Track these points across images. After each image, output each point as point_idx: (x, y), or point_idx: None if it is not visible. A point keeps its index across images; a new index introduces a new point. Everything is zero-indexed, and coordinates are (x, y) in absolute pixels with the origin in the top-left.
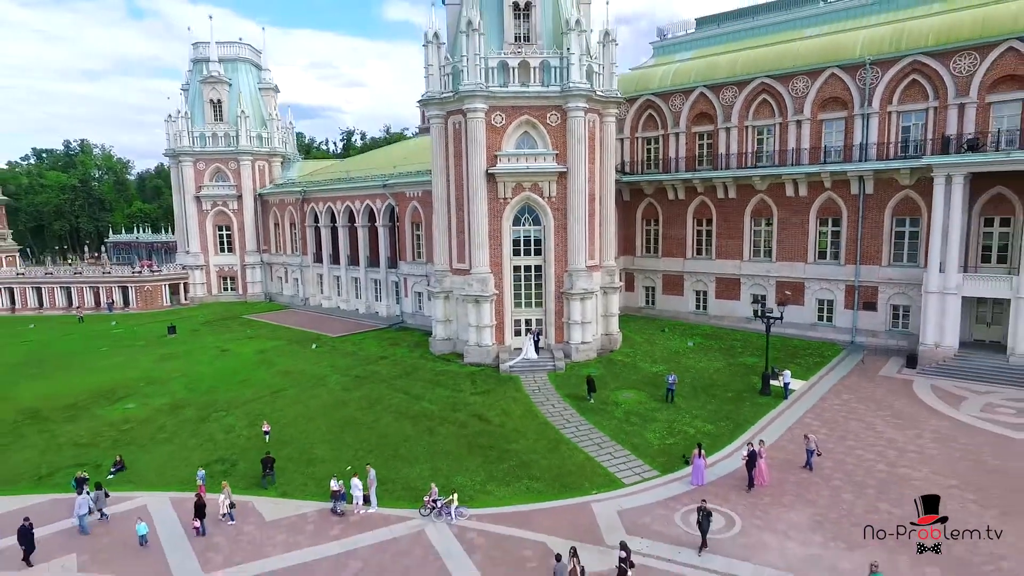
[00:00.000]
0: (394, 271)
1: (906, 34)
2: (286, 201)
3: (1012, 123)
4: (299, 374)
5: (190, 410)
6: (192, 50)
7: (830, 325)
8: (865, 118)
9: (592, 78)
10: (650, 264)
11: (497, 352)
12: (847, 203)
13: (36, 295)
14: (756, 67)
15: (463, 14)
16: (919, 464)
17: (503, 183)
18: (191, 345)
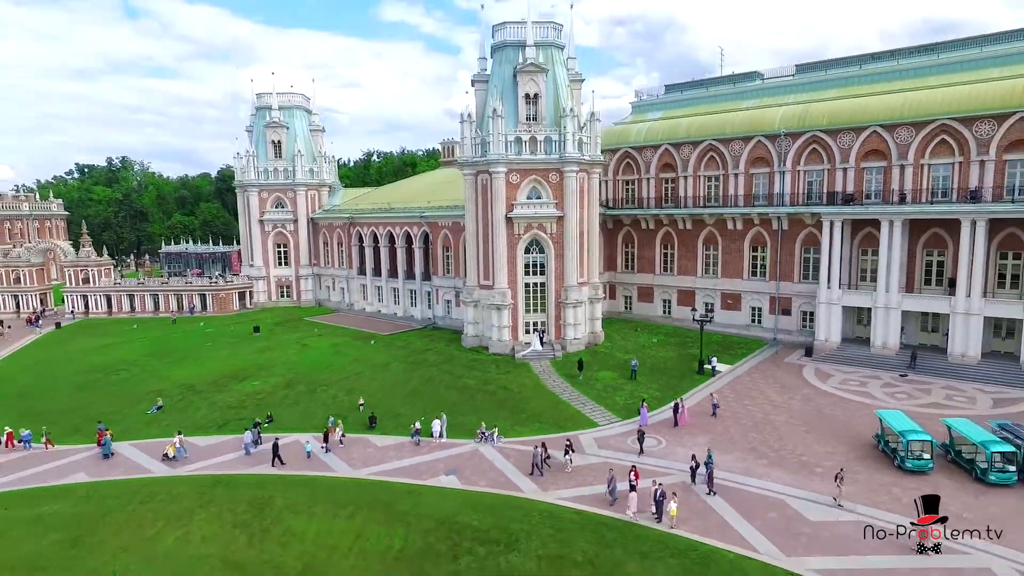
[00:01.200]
0: (428, 283)
1: (809, 114)
2: (335, 224)
3: (878, 184)
4: (368, 362)
5: (301, 386)
6: (256, 99)
7: (759, 326)
8: (781, 174)
9: (582, 147)
10: (628, 278)
11: (513, 345)
12: (770, 236)
13: (129, 301)
14: (706, 131)
15: (488, 102)
16: (782, 413)
17: (517, 223)
18: (275, 341)
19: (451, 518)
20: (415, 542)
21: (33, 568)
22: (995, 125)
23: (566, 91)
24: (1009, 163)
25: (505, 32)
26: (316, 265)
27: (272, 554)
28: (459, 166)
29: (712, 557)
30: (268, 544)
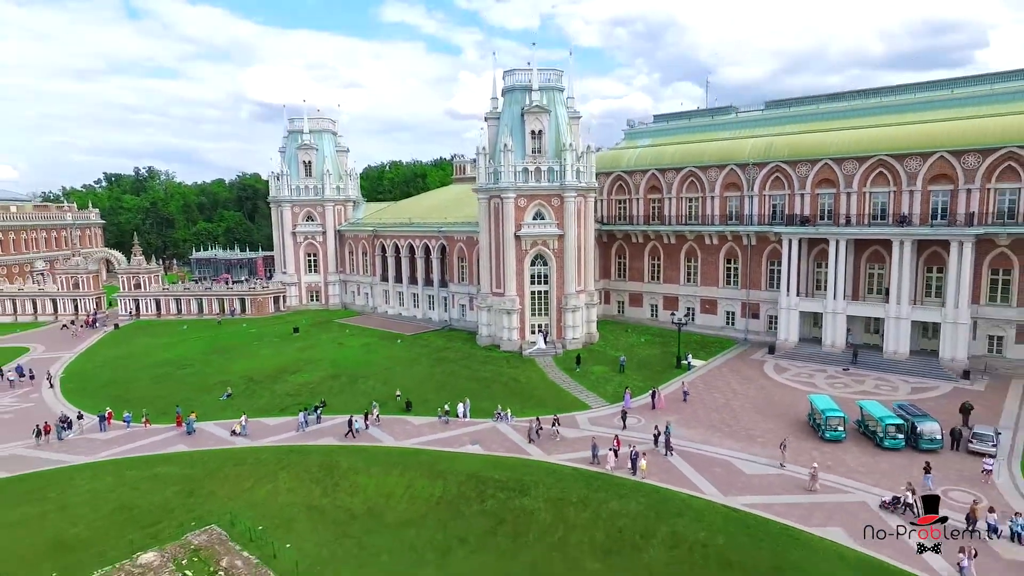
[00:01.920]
0: (444, 289)
1: (773, 146)
2: (360, 236)
3: (829, 208)
4: (397, 358)
5: (343, 378)
6: (288, 123)
7: (732, 327)
8: (750, 198)
9: (579, 176)
10: (620, 286)
11: (521, 344)
12: (741, 250)
13: (176, 304)
14: (686, 159)
15: (500, 137)
16: (740, 399)
17: (524, 240)
18: (313, 340)
19: (477, 473)
20: (451, 490)
21: (165, 511)
22: (921, 161)
23: (566, 128)
24: (932, 193)
25: (514, 78)
26: (342, 272)
27: (342, 501)
28: (474, 190)
29: (670, 497)
30: (339, 494)
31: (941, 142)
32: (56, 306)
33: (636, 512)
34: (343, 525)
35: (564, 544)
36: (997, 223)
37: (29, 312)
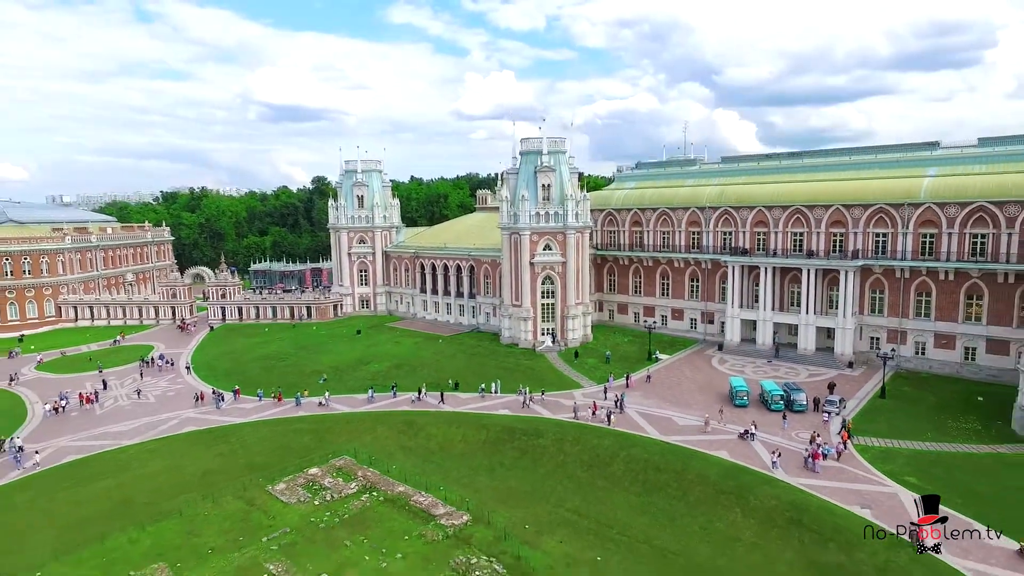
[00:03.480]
0: (473, 300)
1: (724, 194)
2: (403, 256)
3: (763, 242)
4: (441, 353)
5: (405, 368)
6: (344, 164)
7: (695, 331)
8: (708, 232)
9: (578, 218)
10: (611, 297)
11: (534, 342)
12: (701, 272)
13: (254, 310)
14: (661, 201)
15: (518, 189)
16: (688, 382)
17: (536, 266)
18: (373, 340)
19: (509, 426)
20: (492, 436)
21: (309, 449)
22: (824, 211)
23: (568, 182)
24: (831, 234)
25: (529, 143)
26: (388, 285)
27: (422, 442)
28: (499, 227)
29: (629, 436)
30: (419, 438)
31: (837, 197)
32: (157, 312)
33: (607, 445)
34: (426, 455)
35: (563, 463)
36: (873, 257)
37: (135, 317)
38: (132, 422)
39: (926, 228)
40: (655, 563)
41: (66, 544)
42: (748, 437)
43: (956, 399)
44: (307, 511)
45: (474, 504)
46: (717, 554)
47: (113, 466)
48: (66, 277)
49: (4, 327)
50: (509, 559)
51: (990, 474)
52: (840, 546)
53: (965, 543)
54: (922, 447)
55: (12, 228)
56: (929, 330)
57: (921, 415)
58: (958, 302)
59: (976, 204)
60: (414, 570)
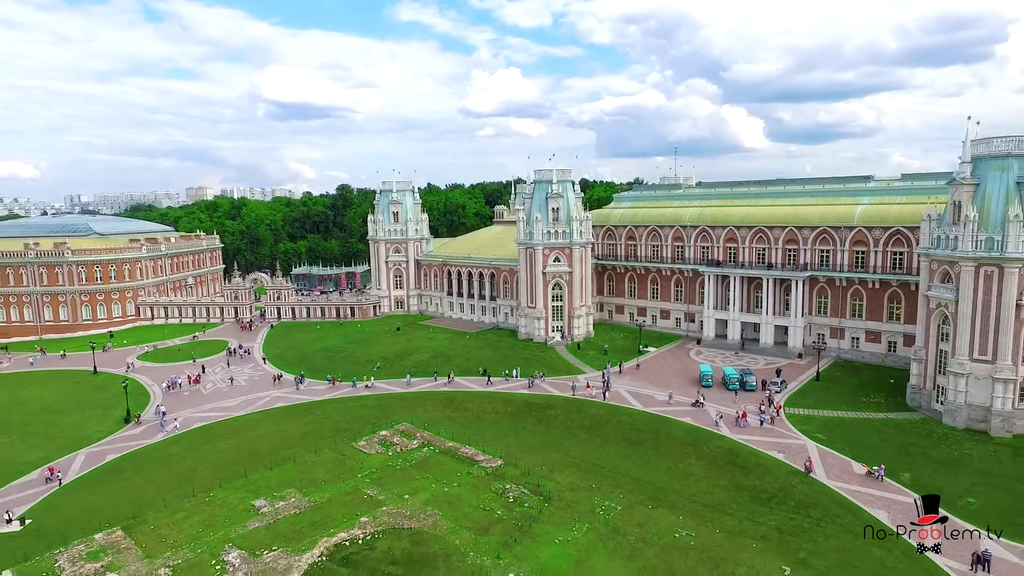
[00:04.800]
0: (493, 302)
1: (702, 215)
2: (432, 264)
3: (732, 256)
4: (470, 346)
5: (441, 358)
6: (381, 184)
7: (679, 328)
8: (689, 246)
9: (582, 235)
10: (610, 300)
11: (545, 338)
12: (684, 280)
13: (305, 310)
14: (650, 220)
15: (532, 211)
16: (669, 369)
17: (548, 275)
18: (411, 336)
19: (527, 401)
20: (515, 408)
21: (375, 419)
22: (780, 231)
23: (574, 205)
24: (787, 250)
25: (541, 174)
26: (419, 288)
27: (461, 414)
28: (516, 243)
29: (619, 407)
30: (459, 411)
31: (791, 220)
32: (222, 312)
33: (602, 414)
34: (465, 422)
35: (569, 427)
36: (818, 269)
37: (203, 316)
38: (233, 399)
39: (859, 246)
40: (632, 488)
41: (221, 478)
42: (699, 405)
43: (873, 381)
44: (384, 459)
45: (505, 453)
46: (675, 482)
47: (232, 430)
48: (143, 281)
49: (95, 325)
50: (531, 486)
51: (877, 432)
52: (758, 476)
53: (836, 471)
54: (834, 415)
55: (96, 240)
56: (861, 328)
57: (842, 393)
58: (883, 306)
59: (895, 228)
60: (467, 491)
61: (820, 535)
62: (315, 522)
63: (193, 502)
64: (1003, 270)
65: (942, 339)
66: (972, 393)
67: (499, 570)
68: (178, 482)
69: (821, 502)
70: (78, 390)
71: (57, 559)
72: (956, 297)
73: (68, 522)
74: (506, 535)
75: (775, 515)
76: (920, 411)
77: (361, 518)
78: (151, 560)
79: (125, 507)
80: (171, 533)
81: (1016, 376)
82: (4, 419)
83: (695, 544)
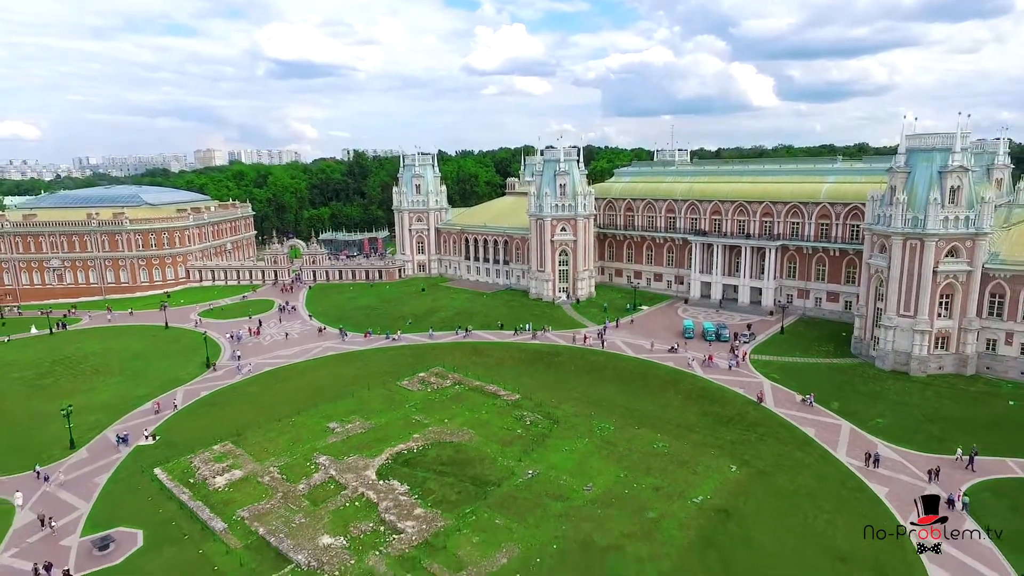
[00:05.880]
0: (506, 266)
1: (692, 190)
2: (451, 232)
3: (717, 226)
4: (487, 304)
5: (463, 314)
6: (403, 159)
7: (670, 289)
8: (680, 218)
9: (585, 208)
10: (610, 264)
11: (553, 297)
12: (675, 247)
13: (337, 273)
14: (646, 194)
15: (542, 187)
16: (658, 325)
17: (555, 243)
18: (435, 296)
19: (538, 350)
20: (528, 355)
21: (412, 363)
22: (758, 205)
23: (579, 181)
24: (764, 222)
25: (549, 153)
26: (439, 253)
27: (484, 359)
28: (528, 214)
29: (615, 354)
30: (482, 357)
31: (767, 196)
32: (264, 275)
33: (601, 359)
34: (487, 366)
35: (573, 370)
36: (789, 239)
37: (246, 279)
38: (290, 349)
39: (823, 220)
40: (622, 414)
41: (296, 408)
42: (674, 351)
43: (829, 334)
44: (425, 394)
45: (521, 390)
46: (657, 410)
47: (296, 373)
48: (190, 248)
49: (152, 287)
50: (543, 413)
51: (822, 373)
52: (721, 405)
53: (781, 401)
54: (790, 360)
55: (148, 210)
56: (823, 289)
57: (800, 343)
58: (841, 271)
59: (853, 204)
60: (493, 417)
61: (762, 445)
62: (378, 438)
63: (280, 425)
64: (924, 243)
65: (879, 299)
66: (897, 342)
67: (521, 468)
68: (264, 411)
69: (766, 423)
70: (156, 342)
71: (191, 461)
72: (888, 264)
73: (188, 438)
74: (525, 446)
75: (731, 432)
76: (860, 357)
77: (414, 435)
78: (261, 462)
79: (228, 428)
80: (270, 445)
81: (931, 328)
82: (106, 364)
83: (668, 451)
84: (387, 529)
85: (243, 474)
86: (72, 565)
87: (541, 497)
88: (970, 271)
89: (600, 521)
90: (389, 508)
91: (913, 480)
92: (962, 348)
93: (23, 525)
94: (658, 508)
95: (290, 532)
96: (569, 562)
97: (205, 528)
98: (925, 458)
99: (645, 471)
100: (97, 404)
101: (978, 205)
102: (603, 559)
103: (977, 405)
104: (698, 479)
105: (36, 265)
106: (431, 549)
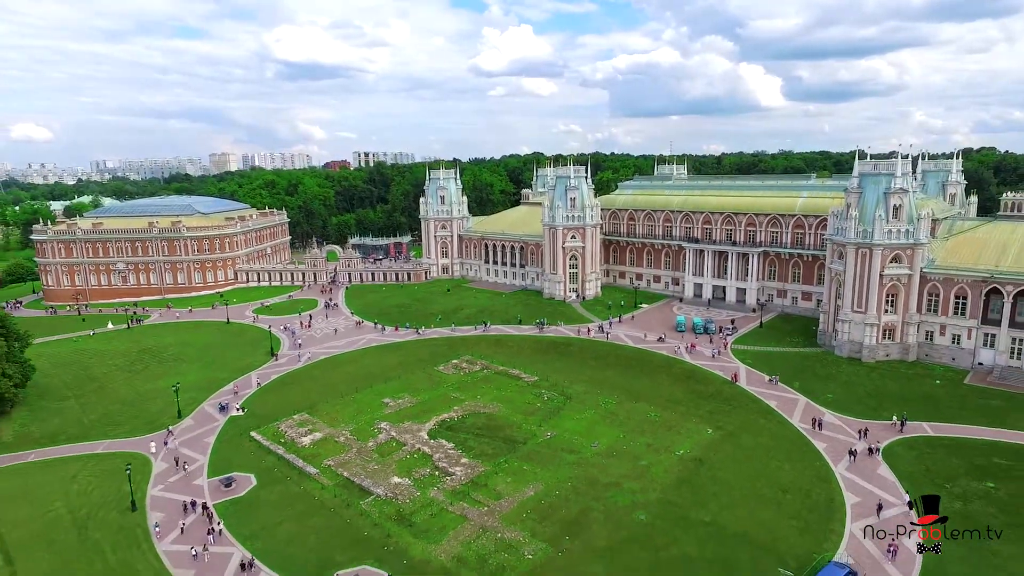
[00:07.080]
0: (522, 269)
1: (687, 202)
2: (472, 238)
3: (707, 235)
4: (505, 303)
5: (486, 312)
6: (429, 172)
7: (668, 290)
8: (676, 227)
9: (592, 219)
10: (614, 267)
11: (564, 296)
12: (672, 252)
13: (370, 275)
14: (646, 206)
15: (554, 200)
16: (655, 320)
17: (566, 249)
18: (459, 295)
19: (552, 340)
20: (544, 345)
21: (445, 352)
22: (743, 217)
23: (587, 195)
24: (748, 231)
25: (560, 171)
26: (461, 257)
27: (506, 348)
28: (543, 223)
29: (618, 344)
30: (503, 347)
31: (751, 209)
32: (304, 277)
33: (606, 348)
34: (509, 355)
35: (583, 358)
36: (769, 246)
37: (288, 281)
38: (339, 341)
39: (798, 229)
40: (622, 392)
41: (354, 387)
42: (662, 341)
43: (801, 328)
44: (458, 377)
45: (539, 373)
46: (651, 389)
47: (348, 360)
48: (238, 252)
49: (205, 287)
50: (558, 391)
51: (789, 360)
52: (703, 384)
53: (753, 381)
54: (764, 349)
55: (201, 218)
56: (798, 290)
57: (775, 336)
58: (814, 273)
59: (823, 217)
60: (516, 394)
61: (734, 414)
62: (425, 410)
63: (343, 400)
64: (872, 251)
65: (838, 297)
66: (852, 333)
67: (541, 431)
68: (328, 389)
69: (739, 398)
70: (222, 335)
71: (279, 427)
72: (844, 269)
73: (270, 410)
74: (544, 416)
75: (710, 404)
76: (823, 347)
77: (454, 407)
78: (334, 427)
79: (301, 402)
80: (338, 415)
81: (879, 322)
82: (184, 353)
83: (659, 419)
84: (441, 473)
85: (322, 436)
86: (208, 497)
87: (558, 451)
88: (911, 275)
89: (603, 467)
90: (441, 458)
91: (847, 438)
92: (905, 338)
93: (161, 471)
94: (648, 458)
95: (368, 474)
96: (579, 493)
97: (301, 473)
98: (860, 423)
99: (640, 433)
100: (189, 384)
101: (916, 220)
102: (605, 492)
103: (911, 384)
104: (681, 439)
105: (104, 268)
106: (475, 486)
